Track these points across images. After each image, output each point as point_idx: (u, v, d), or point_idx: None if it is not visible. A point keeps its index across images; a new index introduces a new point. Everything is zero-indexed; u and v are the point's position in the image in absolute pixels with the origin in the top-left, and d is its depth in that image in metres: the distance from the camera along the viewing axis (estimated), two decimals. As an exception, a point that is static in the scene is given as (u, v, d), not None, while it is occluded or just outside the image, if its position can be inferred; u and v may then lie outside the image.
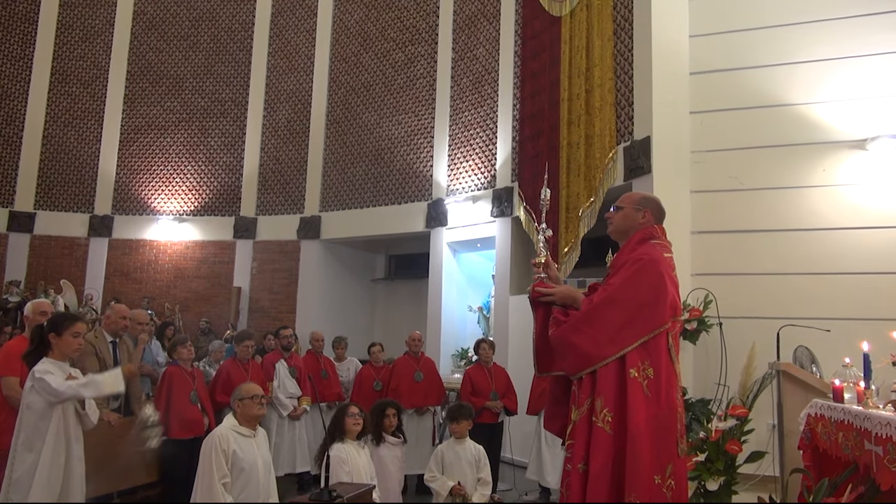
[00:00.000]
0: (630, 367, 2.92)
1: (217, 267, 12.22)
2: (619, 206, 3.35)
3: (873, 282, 5.70)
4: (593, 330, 2.97)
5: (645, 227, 3.28)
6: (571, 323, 3.03)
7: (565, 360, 3.10)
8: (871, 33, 6.40)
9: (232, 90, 12.70)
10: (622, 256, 3.22)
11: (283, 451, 7.15)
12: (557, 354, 3.14)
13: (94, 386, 4.03)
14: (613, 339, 2.94)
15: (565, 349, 3.04)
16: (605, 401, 2.90)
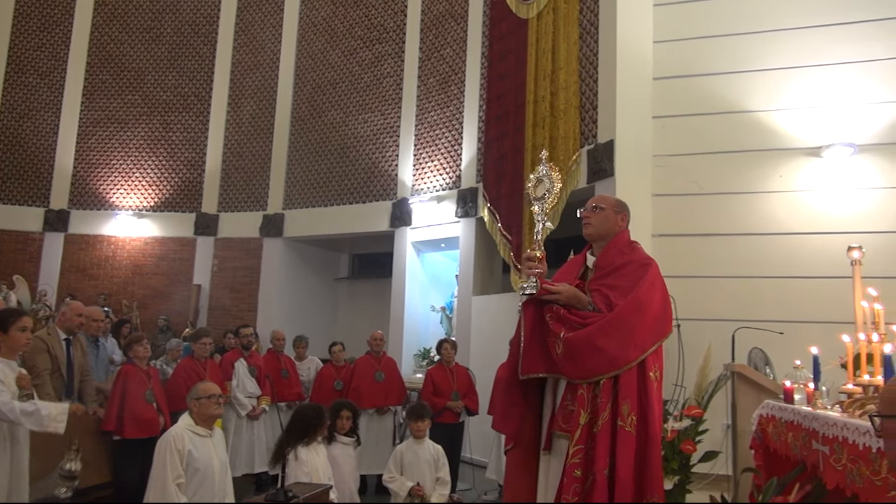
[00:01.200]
0: (649, 371, 3.00)
1: (177, 264, 12.00)
2: (598, 206, 3.33)
3: (825, 286, 5.85)
4: (621, 334, 2.97)
5: (625, 232, 3.33)
6: (599, 326, 2.98)
7: (586, 364, 2.97)
8: (827, 44, 6.56)
9: (195, 84, 12.49)
10: (617, 258, 3.22)
11: (241, 451, 7.06)
12: (572, 358, 2.99)
13: (38, 420, 3.91)
14: (638, 343, 2.99)
15: (590, 352, 2.96)
16: (630, 404, 2.93)
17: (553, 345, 3.05)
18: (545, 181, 3.28)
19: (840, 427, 2.78)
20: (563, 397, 3.12)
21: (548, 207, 3.27)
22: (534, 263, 3.10)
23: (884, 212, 6.19)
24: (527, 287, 3.10)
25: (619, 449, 2.90)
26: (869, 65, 6.42)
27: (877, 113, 6.34)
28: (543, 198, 3.24)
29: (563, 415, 3.08)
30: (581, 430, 2.94)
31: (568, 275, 3.34)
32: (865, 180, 6.31)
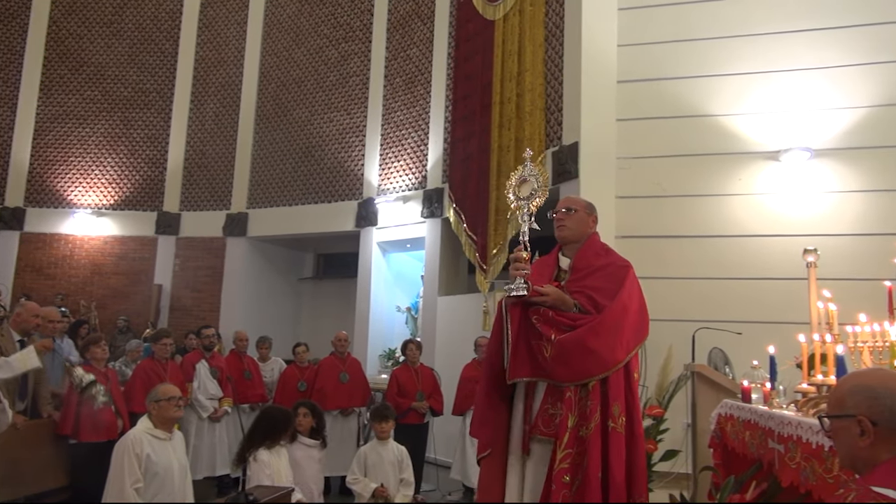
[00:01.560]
0: (633, 371, 3.08)
1: (137, 263, 11.77)
2: (571, 207, 3.33)
3: (782, 287, 5.97)
4: (610, 336, 2.98)
5: (596, 233, 3.36)
6: (590, 327, 2.97)
7: (576, 366, 2.95)
8: (786, 50, 6.70)
9: (157, 81, 12.27)
10: (595, 259, 3.24)
11: (203, 453, 6.97)
12: (563, 360, 2.96)
13: (7, 367, 3.81)
14: (624, 344, 3.02)
15: (581, 354, 2.95)
16: (620, 405, 2.97)
17: (540, 348, 3.01)
18: (532, 181, 3.23)
19: (794, 426, 2.84)
20: (544, 401, 3.08)
21: (534, 208, 3.22)
22: (521, 264, 3.05)
23: (838, 215, 6.35)
24: (515, 288, 3.04)
25: (611, 451, 2.91)
26: (826, 71, 6.58)
27: (833, 119, 6.50)
28: (530, 198, 3.18)
29: (544, 419, 3.05)
30: (569, 434, 2.92)
31: (541, 276, 3.29)
32: (821, 184, 6.46)
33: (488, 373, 3.20)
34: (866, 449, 1.78)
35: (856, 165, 6.40)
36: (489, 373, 3.20)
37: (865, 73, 6.48)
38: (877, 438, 1.76)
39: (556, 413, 3.02)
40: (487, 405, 3.19)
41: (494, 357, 3.16)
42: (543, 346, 3.00)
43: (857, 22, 6.55)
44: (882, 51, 6.45)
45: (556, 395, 3.03)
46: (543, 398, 3.08)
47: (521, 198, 3.20)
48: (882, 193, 6.26)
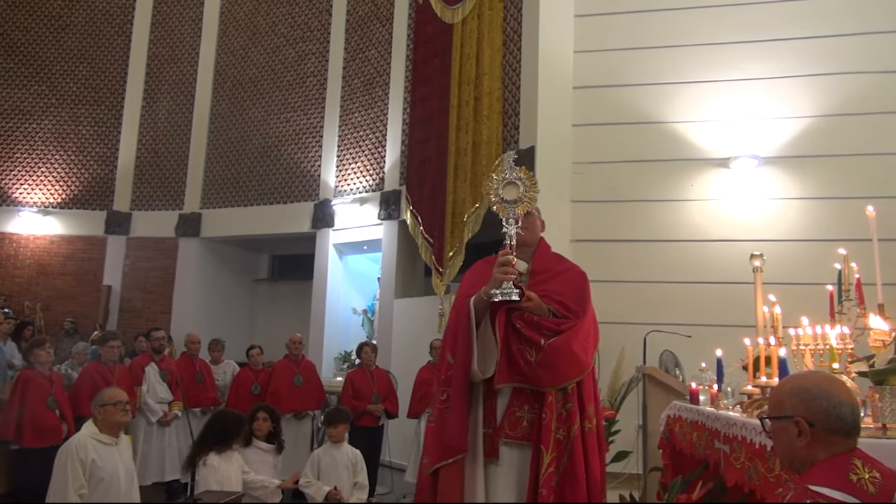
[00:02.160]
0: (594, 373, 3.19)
1: (85, 264, 11.45)
2: (530, 211, 3.32)
3: (730, 291, 6.10)
4: (585, 340, 3.10)
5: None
6: (575, 332, 3.05)
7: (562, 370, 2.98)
8: (736, 61, 6.88)
9: (107, 77, 11.96)
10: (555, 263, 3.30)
11: (152, 458, 6.82)
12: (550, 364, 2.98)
13: None
14: (591, 348, 3.17)
15: (567, 358, 3.00)
16: (593, 406, 3.09)
17: (523, 353, 3.01)
18: (519, 186, 3.15)
19: (739, 427, 2.91)
20: (510, 404, 3.07)
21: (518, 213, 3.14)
22: (511, 268, 3.01)
23: (783, 221, 6.54)
24: (508, 293, 2.96)
25: (589, 451, 2.98)
26: (772, 82, 6.77)
27: (779, 128, 6.69)
28: (515, 203, 3.13)
29: (511, 422, 3.05)
30: (553, 440, 2.96)
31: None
32: (768, 191, 6.65)
33: (463, 376, 3.06)
34: (803, 449, 1.84)
35: (800, 173, 6.60)
36: (464, 376, 3.06)
37: (809, 85, 6.69)
38: (813, 439, 1.82)
39: (522, 416, 3.03)
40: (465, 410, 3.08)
41: (467, 359, 3.05)
42: (527, 351, 3.01)
43: (802, 35, 6.76)
44: (824, 63, 6.67)
45: (524, 398, 3.05)
46: (510, 401, 3.07)
47: (506, 200, 3.14)
48: (824, 201, 6.47)
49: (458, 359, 3.07)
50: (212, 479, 4.36)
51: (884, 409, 2.72)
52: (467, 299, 3.13)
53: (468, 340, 3.06)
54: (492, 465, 3.04)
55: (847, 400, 1.85)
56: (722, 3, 7.01)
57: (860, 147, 6.47)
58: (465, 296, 3.19)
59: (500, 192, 3.14)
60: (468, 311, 3.08)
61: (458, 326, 3.13)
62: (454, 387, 3.05)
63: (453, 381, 3.07)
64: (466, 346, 3.07)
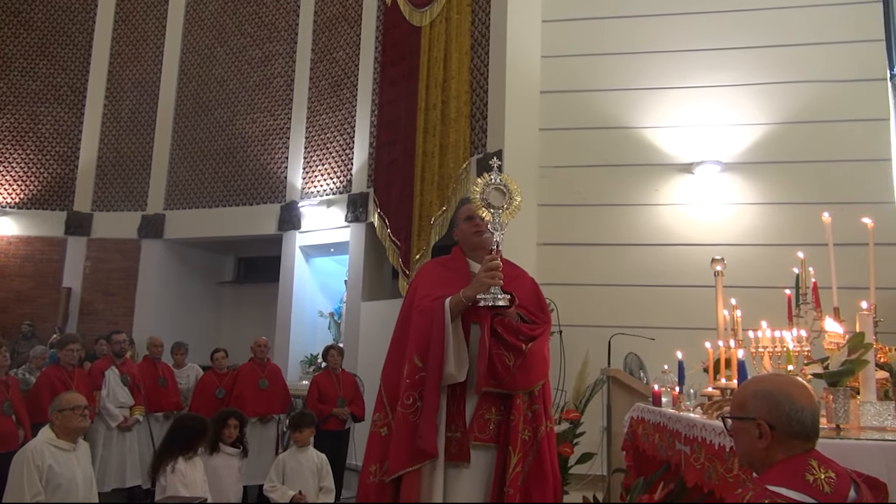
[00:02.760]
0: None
1: (44, 265, 11.18)
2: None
3: (693, 294, 6.21)
4: (547, 343, 3.19)
5: None
6: (543, 338, 3.14)
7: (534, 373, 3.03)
8: (700, 68, 7.01)
9: (69, 75, 11.72)
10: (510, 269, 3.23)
11: (112, 464, 6.69)
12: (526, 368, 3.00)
13: None
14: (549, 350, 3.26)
15: (540, 362, 3.09)
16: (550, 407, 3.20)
17: (501, 357, 3.00)
18: (504, 192, 3.11)
19: (700, 428, 2.96)
20: (479, 406, 3.04)
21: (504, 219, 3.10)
22: (500, 273, 2.96)
23: (744, 226, 6.68)
24: (498, 298, 2.94)
25: (552, 449, 3.08)
26: (735, 89, 6.92)
27: (740, 134, 6.83)
28: (501, 208, 3.08)
29: (479, 424, 3.04)
30: (520, 441, 2.98)
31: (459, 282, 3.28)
32: (730, 196, 6.78)
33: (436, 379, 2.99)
34: (763, 450, 1.88)
35: (760, 179, 6.75)
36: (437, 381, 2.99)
37: (768, 93, 6.85)
38: (773, 441, 1.86)
39: (490, 418, 3.04)
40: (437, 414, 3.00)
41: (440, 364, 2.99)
42: (506, 356, 3.00)
43: (761, 44, 6.92)
44: (783, 72, 6.84)
45: (492, 401, 3.05)
46: (479, 404, 3.05)
47: (492, 206, 3.09)
48: (782, 206, 6.62)
49: (432, 362, 3.00)
50: (179, 485, 4.29)
51: (837, 410, 2.79)
52: (439, 302, 3.08)
53: (443, 343, 3.01)
54: (458, 468, 3.01)
55: (808, 405, 1.89)
56: (686, 11, 7.15)
57: (817, 154, 6.63)
58: (430, 297, 3.15)
59: (486, 195, 3.11)
60: (443, 314, 3.03)
61: (431, 329, 3.05)
62: (427, 391, 2.98)
63: (426, 385, 3.00)
64: (441, 348, 3.01)
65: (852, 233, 4.55)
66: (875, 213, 4.41)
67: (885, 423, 2.84)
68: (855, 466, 2.04)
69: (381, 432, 3.19)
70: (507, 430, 3.00)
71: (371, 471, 3.10)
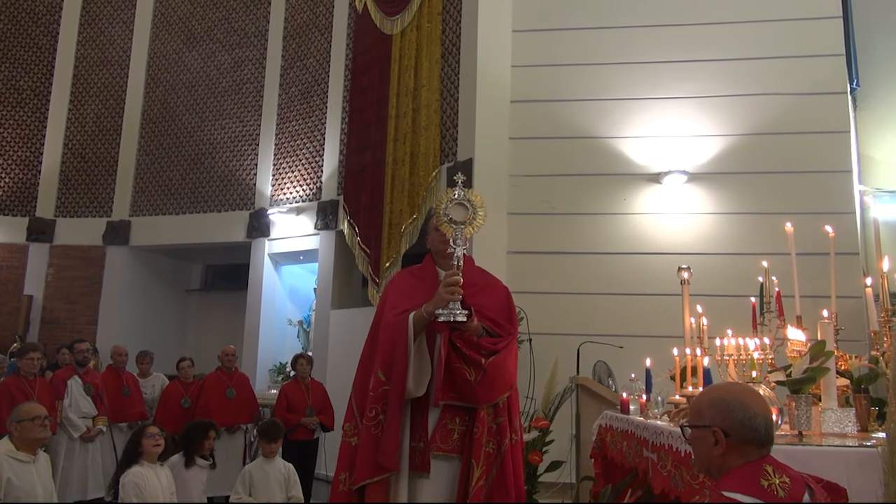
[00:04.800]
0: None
1: (4, 272, 10.90)
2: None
3: (660, 302, 6.29)
4: (513, 356, 3.19)
5: None
6: (508, 350, 3.14)
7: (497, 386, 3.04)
8: (665, 79, 7.13)
9: (31, 78, 11.48)
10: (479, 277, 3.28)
11: (74, 476, 6.54)
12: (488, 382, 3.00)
13: None
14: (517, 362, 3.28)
15: (503, 375, 3.08)
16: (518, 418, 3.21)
17: (461, 371, 3.02)
18: (467, 207, 3.14)
19: (666, 435, 2.99)
20: (442, 417, 3.06)
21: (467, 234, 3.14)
22: (458, 289, 2.99)
23: (710, 235, 6.79)
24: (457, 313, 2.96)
25: (516, 461, 3.07)
26: (701, 100, 7.04)
27: (706, 145, 6.95)
28: (464, 224, 3.11)
29: (442, 434, 3.05)
30: (483, 454, 2.99)
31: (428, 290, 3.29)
32: (696, 206, 6.89)
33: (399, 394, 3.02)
34: (719, 457, 1.93)
35: (725, 189, 6.87)
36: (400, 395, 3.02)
37: (732, 104, 6.99)
38: (728, 448, 1.91)
39: (454, 429, 3.05)
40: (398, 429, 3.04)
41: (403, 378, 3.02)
42: (466, 370, 3.02)
43: (727, 57, 7.06)
44: (747, 84, 6.98)
45: (455, 412, 3.07)
46: (441, 415, 3.07)
47: (454, 221, 3.12)
48: (746, 216, 6.75)
49: (396, 377, 3.02)
50: (133, 496, 4.19)
51: (800, 416, 2.84)
52: (403, 316, 3.09)
53: (406, 359, 3.02)
54: (421, 478, 3.03)
55: (762, 412, 1.93)
56: (653, 23, 7.26)
57: (779, 165, 6.78)
58: (396, 310, 3.15)
59: (448, 211, 3.13)
60: (406, 328, 3.04)
61: (395, 343, 3.07)
62: (390, 406, 3.00)
63: (389, 399, 3.02)
64: (404, 364, 3.02)
65: (814, 242, 4.66)
66: (836, 222, 4.51)
67: (845, 430, 2.90)
68: (817, 472, 2.09)
69: (351, 441, 3.21)
70: (470, 443, 3.01)
71: (341, 479, 3.13)
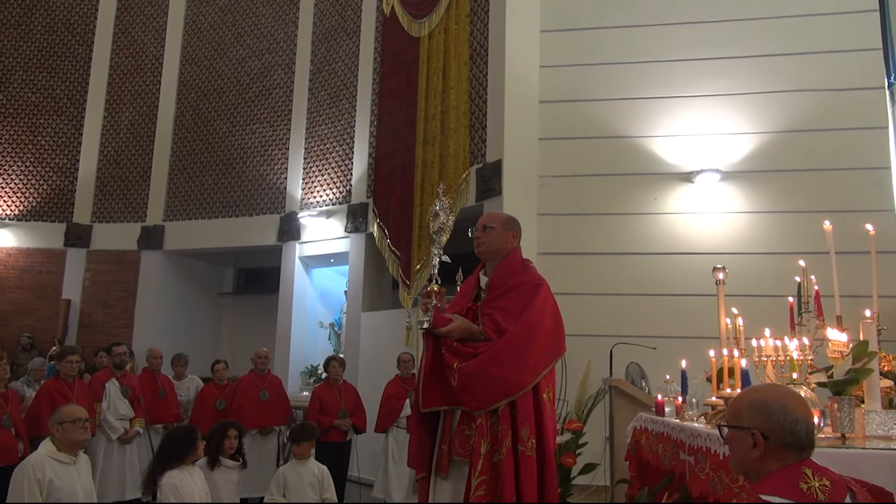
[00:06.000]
0: (542, 392, 3.05)
1: (43, 277, 11.16)
2: (488, 225, 3.32)
3: (694, 303, 6.21)
4: (516, 360, 2.98)
5: (517, 249, 3.33)
6: (491, 355, 2.99)
7: (480, 393, 2.96)
8: (697, 77, 7.04)
9: (68, 87, 11.74)
10: (511, 278, 3.21)
11: (112, 477, 6.64)
12: (467, 388, 2.98)
13: None
14: (532, 367, 3.01)
15: (484, 382, 2.96)
16: (529, 428, 2.96)
17: (450, 377, 3.05)
18: (441, 216, 3.24)
19: (704, 438, 2.94)
20: (460, 422, 3.09)
21: (443, 242, 3.21)
22: (429, 300, 3.08)
23: (745, 234, 6.68)
24: (424, 322, 3.09)
25: (522, 474, 2.91)
26: (734, 98, 6.94)
27: (739, 142, 6.85)
28: (438, 232, 3.20)
29: (461, 439, 3.06)
30: (483, 461, 2.93)
31: (463, 298, 3.33)
32: (730, 205, 6.79)
33: (416, 402, 3.22)
34: (757, 460, 1.88)
35: (760, 188, 6.76)
36: (416, 402, 3.22)
37: (767, 101, 6.87)
38: (767, 451, 1.86)
39: (471, 434, 3.04)
40: (419, 443, 3.20)
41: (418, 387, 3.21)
42: (451, 376, 3.04)
43: (761, 53, 6.95)
44: (782, 81, 6.86)
45: (471, 418, 3.06)
46: (460, 420, 3.10)
47: (433, 231, 3.21)
48: (783, 214, 6.63)
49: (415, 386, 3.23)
50: (173, 498, 4.26)
51: (842, 419, 2.78)
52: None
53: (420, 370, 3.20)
54: (442, 479, 3.10)
55: (803, 417, 1.88)
56: (683, 20, 7.18)
57: (817, 162, 6.65)
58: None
59: (432, 225, 3.26)
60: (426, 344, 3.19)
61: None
62: (412, 413, 3.24)
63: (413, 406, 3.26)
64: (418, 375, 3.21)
65: (853, 240, 4.55)
66: (875, 220, 4.40)
67: (890, 432, 2.83)
68: (861, 476, 2.04)
69: None
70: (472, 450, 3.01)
71: None
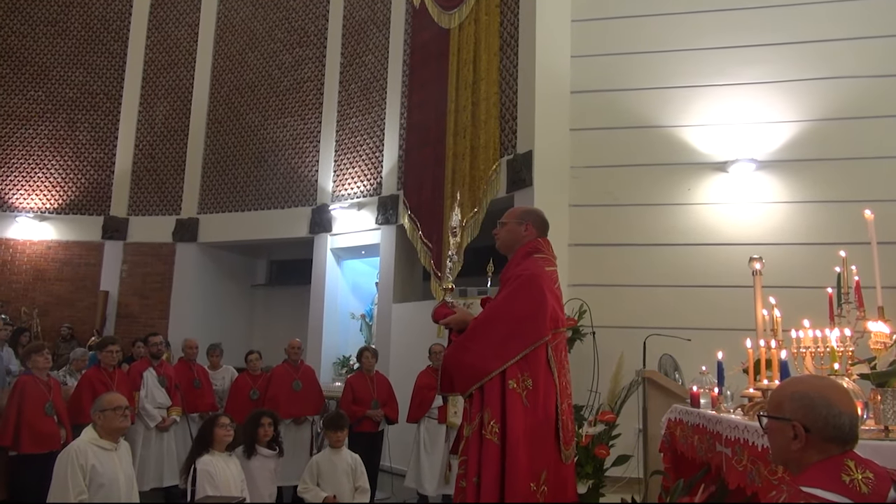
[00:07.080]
0: (509, 379, 3.06)
1: (82, 269, 11.42)
2: (503, 221, 3.44)
3: (729, 294, 6.13)
4: (478, 346, 3.11)
5: (529, 241, 3.36)
6: (458, 342, 3.20)
7: (455, 378, 3.18)
8: (732, 65, 6.92)
9: (104, 82, 11.96)
10: (508, 271, 3.30)
11: (150, 464, 6.78)
12: (445, 373, 3.23)
13: None
14: (497, 353, 3.08)
15: (456, 368, 3.17)
16: (491, 413, 3.04)
17: None
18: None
19: (741, 429, 2.91)
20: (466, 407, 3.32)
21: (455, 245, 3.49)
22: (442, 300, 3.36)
23: (782, 225, 6.57)
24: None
25: (483, 458, 3.02)
26: (770, 86, 6.81)
27: (776, 131, 6.72)
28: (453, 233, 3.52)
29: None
30: (464, 442, 3.13)
31: None
32: (766, 195, 6.67)
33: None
34: (797, 452, 1.85)
35: (798, 177, 6.63)
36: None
37: (804, 89, 6.73)
38: (808, 443, 1.83)
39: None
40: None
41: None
42: None
43: (797, 39, 6.80)
44: (819, 67, 6.71)
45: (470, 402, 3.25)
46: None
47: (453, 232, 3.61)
48: (822, 204, 6.50)
49: None
50: (208, 486, 4.34)
51: (885, 411, 2.73)
52: None
53: None
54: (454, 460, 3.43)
55: (847, 410, 1.84)
56: (717, 7, 7.05)
57: (856, 151, 6.50)
58: None
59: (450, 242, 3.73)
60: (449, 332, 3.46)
61: None
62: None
63: None
64: None
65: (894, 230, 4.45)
66: (918, 210, 4.30)
67: (934, 425, 2.77)
68: (906, 469, 1.99)
69: None
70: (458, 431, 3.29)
71: None
